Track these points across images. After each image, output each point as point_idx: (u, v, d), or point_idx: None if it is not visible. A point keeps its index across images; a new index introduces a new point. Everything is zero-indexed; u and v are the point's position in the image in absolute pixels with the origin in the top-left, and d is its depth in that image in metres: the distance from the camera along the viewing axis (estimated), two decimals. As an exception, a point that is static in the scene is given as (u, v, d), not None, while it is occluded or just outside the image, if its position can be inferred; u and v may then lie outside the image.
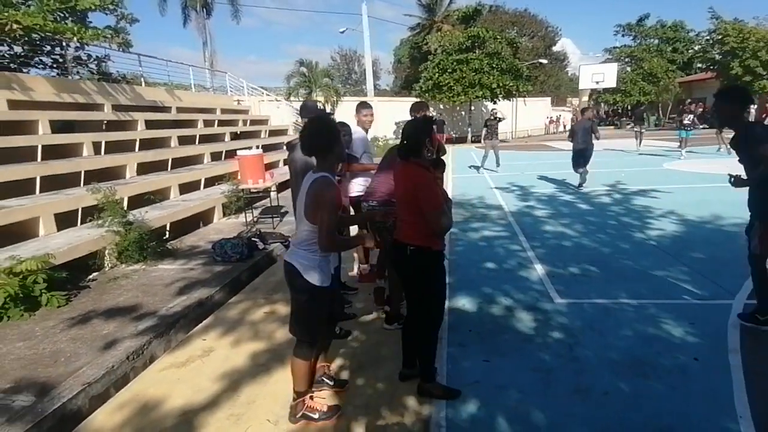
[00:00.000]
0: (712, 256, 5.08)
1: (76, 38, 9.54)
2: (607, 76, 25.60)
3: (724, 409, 2.57)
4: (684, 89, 36.01)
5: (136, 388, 3.04)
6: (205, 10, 31.22)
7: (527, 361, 3.13)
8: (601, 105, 40.33)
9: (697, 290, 4.19)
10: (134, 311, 3.99)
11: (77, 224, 5.81)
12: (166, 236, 6.34)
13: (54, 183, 6.45)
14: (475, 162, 15.59)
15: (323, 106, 21.42)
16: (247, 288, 4.84)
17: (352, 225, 4.18)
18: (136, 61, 12.83)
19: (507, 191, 10.07)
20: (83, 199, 5.81)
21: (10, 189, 5.89)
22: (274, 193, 7.67)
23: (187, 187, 8.26)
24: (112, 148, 8.41)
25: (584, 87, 26.36)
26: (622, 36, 42.06)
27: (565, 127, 33.06)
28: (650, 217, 7.05)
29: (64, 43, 10.73)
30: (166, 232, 6.43)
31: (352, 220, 3.59)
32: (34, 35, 9.49)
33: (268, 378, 3.08)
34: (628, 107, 32.31)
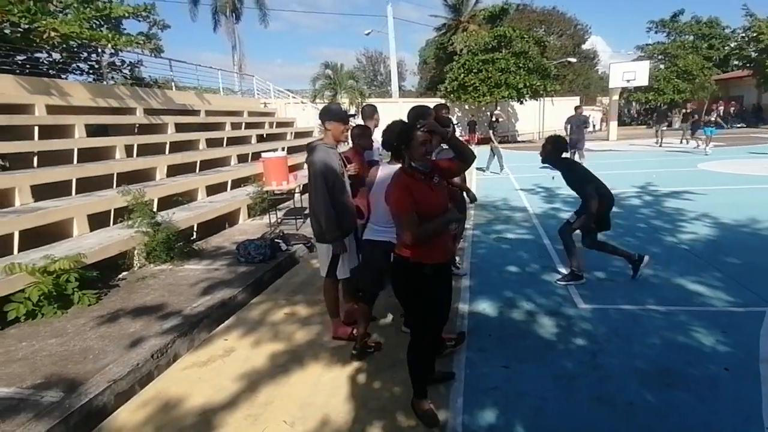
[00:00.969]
0: (747, 261, 4.86)
1: (110, 45, 9.95)
2: (639, 74, 24.73)
3: (752, 421, 2.46)
4: (720, 87, 34.57)
5: (159, 386, 3.13)
6: (234, 15, 31.97)
7: (549, 368, 3.06)
8: (633, 104, 39.13)
9: (730, 297, 4.01)
10: (160, 310, 4.11)
11: (109, 225, 6.02)
12: (193, 237, 6.50)
13: (88, 185, 6.71)
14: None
15: (348, 108, 21.49)
16: (269, 289, 4.91)
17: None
18: (167, 66, 13.26)
19: (532, 193, 9.89)
20: (115, 201, 6.01)
21: (49, 190, 6.16)
22: (297, 195, 7.76)
23: (214, 189, 8.45)
24: (144, 150, 8.69)
25: (614, 86, 25.54)
26: (655, 33, 40.72)
27: (594, 127, 32.21)
28: (682, 220, 6.79)
29: (99, 50, 11.16)
30: (193, 233, 6.59)
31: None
32: (71, 42, 9.93)
33: (286, 379, 3.11)
34: (661, 106, 31.20)
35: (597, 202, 4.27)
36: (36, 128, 7.25)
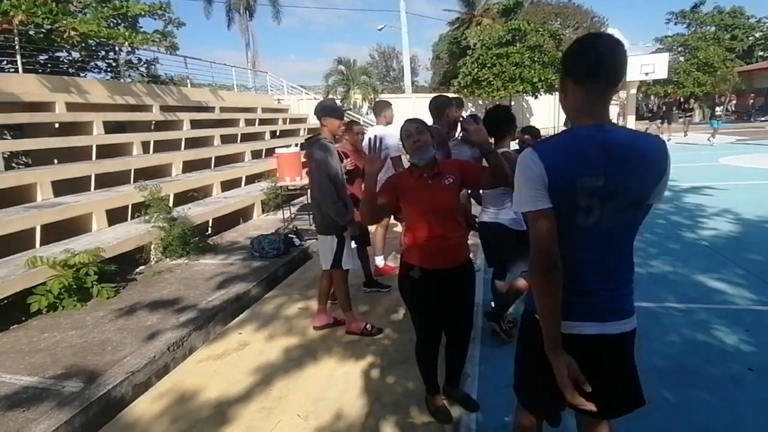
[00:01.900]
0: (771, 258, 4.73)
1: (127, 43, 10.07)
2: (658, 66, 24.15)
3: (780, 423, 2.39)
4: (744, 79, 33.63)
5: (175, 378, 3.17)
6: (248, 12, 32.11)
7: (564, 365, 3.02)
8: (651, 98, 38.31)
9: (754, 295, 3.90)
10: (176, 304, 4.17)
11: (127, 220, 6.13)
12: (208, 232, 6.57)
13: (106, 180, 6.83)
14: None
15: (361, 104, 21.38)
16: (283, 283, 4.94)
17: None
18: (183, 63, 13.37)
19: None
20: (132, 196, 6.11)
21: (69, 186, 6.29)
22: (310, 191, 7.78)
23: (228, 185, 8.53)
24: (160, 147, 8.80)
25: (632, 79, 24.97)
26: (675, 24, 39.81)
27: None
28: (703, 215, 6.64)
29: (116, 48, 11.32)
30: (208, 228, 6.67)
31: None
32: (90, 41, 10.09)
33: (300, 373, 3.13)
34: (681, 99, 30.51)
35: None
36: (56, 125, 7.41)
